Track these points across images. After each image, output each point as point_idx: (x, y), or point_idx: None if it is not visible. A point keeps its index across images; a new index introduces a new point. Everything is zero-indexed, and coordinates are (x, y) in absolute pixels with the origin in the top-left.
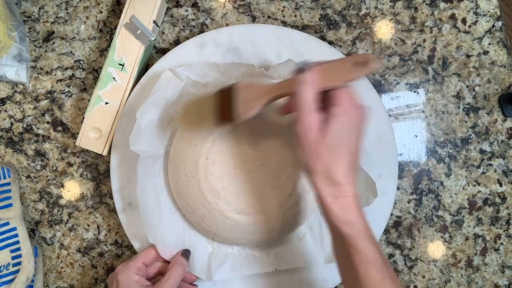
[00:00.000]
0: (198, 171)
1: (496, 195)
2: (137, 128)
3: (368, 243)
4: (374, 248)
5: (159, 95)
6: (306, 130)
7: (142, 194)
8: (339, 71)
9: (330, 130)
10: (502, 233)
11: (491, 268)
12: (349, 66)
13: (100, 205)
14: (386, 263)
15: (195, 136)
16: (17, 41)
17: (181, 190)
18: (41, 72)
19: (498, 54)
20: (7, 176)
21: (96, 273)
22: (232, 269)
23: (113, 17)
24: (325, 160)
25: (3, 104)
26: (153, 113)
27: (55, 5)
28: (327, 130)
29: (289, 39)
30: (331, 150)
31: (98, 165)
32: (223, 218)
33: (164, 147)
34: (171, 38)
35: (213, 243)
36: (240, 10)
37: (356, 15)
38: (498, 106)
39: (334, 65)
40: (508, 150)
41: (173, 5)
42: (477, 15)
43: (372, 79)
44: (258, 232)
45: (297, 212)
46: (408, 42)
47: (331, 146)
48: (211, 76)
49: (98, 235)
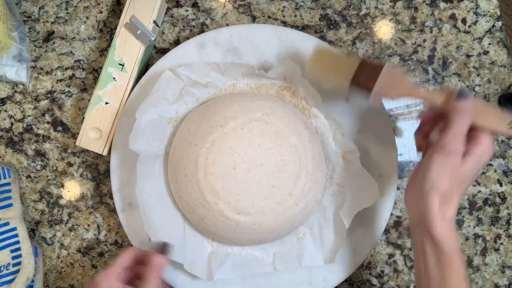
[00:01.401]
0: (197, 171)
1: (496, 195)
2: (136, 128)
3: (462, 260)
4: (464, 265)
5: (159, 95)
6: (452, 153)
7: (142, 193)
8: (494, 119)
9: (467, 163)
10: (502, 233)
11: (491, 268)
12: (503, 122)
13: (100, 205)
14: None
15: (195, 136)
16: (17, 41)
17: (181, 190)
18: (41, 72)
19: (498, 54)
20: (7, 176)
21: (96, 273)
22: (232, 269)
23: (113, 17)
24: (451, 186)
25: (3, 104)
26: (153, 113)
27: (55, 5)
28: (465, 162)
29: (289, 39)
30: (460, 180)
31: (98, 165)
32: (223, 218)
33: (164, 147)
34: (171, 38)
35: (213, 243)
36: (240, 10)
37: (356, 15)
38: (498, 106)
39: (492, 110)
40: (508, 150)
41: (173, 5)
42: (477, 15)
43: None
44: (258, 232)
45: (297, 212)
46: (408, 42)
47: (461, 176)
48: (211, 76)
49: (98, 235)
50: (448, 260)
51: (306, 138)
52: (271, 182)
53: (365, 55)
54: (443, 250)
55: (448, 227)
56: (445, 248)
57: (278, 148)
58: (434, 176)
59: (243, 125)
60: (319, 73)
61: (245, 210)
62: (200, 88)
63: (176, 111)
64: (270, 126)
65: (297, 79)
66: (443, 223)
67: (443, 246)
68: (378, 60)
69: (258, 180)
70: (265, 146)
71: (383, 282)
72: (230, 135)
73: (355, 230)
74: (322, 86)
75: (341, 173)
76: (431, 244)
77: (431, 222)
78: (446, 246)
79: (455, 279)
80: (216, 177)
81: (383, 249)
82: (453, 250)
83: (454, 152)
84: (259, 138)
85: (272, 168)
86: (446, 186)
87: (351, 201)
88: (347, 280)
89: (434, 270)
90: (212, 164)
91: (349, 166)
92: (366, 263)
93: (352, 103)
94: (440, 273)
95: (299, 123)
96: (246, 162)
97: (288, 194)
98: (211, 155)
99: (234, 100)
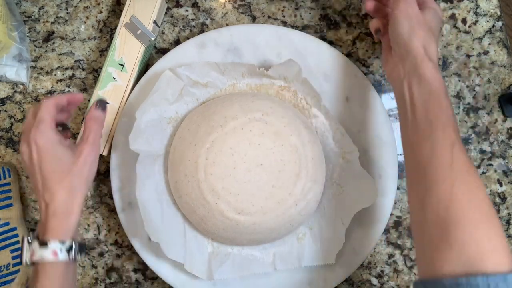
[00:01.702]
0: (197, 171)
1: (496, 195)
2: (136, 128)
3: (449, 100)
4: (451, 105)
5: (159, 95)
6: (410, 6)
7: (142, 193)
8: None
9: (426, 13)
10: None
11: None
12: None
13: (100, 205)
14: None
15: (195, 136)
16: (17, 41)
17: (181, 190)
18: (41, 72)
19: (498, 54)
20: (7, 176)
21: (96, 273)
22: (232, 269)
23: (113, 17)
24: (424, 35)
25: (3, 104)
26: (153, 112)
27: (55, 5)
28: (424, 12)
29: (289, 39)
30: (427, 26)
31: (98, 165)
32: (223, 218)
33: (164, 147)
34: (171, 38)
35: (213, 243)
36: (240, 10)
37: (356, 15)
38: (498, 106)
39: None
40: (508, 150)
41: (173, 5)
42: (477, 15)
43: (372, 79)
44: (258, 232)
45: (297, 212)
46: None
47: (426, 22)
48: (211, 76)
49: (98, 235)
50: (436, 100)
51: (306, 138)
52: (271, 182)
53: (364, 54)
54: (431, 90)
55: (434, 67)
56: (433, 88)
57: (278, 148)
58: (407, 26)
59: (243, 125)
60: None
61: (245, 210)
62: (200, 88)
63: (176, 111)
64: (270, 126)
65: (297, 79)
66: (431, 63)
67: (431, 85)
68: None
69: (258, 180)
70: (265, 146)
71: (383, 282)
72: (230, 135)
73: (355, 230)
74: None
75: (341, 173)
76: (418, 86)
77: (420, 63)
78: (434, 86)
79: (444, 118)
80: (216, 177)
81: (383, 249)
82: (441, 90)
83: (410, 5)
84: (259, 138)
85: (272, 168)
86: (421, 31)
87: (350, 201)
88: (347, 280)
89: (421, 112)
90: (212, 164)
91: (349, 166)
92: (366, 263)
93: (352, 103)
94: (427, 114)
95: (299, 123)
96: (246, 162)
97: (288, 194)
98: (211, 155)
99: (234, 100)
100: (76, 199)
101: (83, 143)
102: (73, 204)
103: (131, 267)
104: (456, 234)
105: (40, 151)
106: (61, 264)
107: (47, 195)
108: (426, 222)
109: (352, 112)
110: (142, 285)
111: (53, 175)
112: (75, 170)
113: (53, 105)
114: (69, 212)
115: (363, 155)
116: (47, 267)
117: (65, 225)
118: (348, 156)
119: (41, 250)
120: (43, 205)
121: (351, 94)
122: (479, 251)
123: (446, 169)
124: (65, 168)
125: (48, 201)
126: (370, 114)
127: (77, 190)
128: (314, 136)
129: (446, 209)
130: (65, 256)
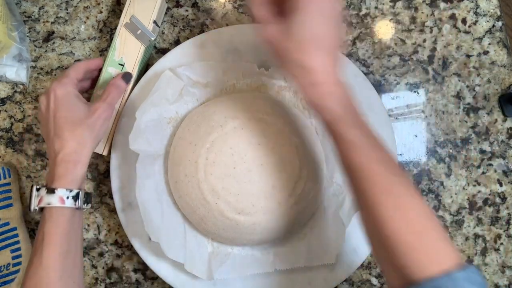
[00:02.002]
0: (198, 171)
1: (496, 195)
2: (136, 128)
3: (349, 128)
4: (357, 132)
5: (159, 95)
6: (269, 37)
7: (142, 193)
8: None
9: (293, 26)
10: (502, 233)
11: (491, 268)
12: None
13: (100, 205)
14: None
15: (195, 136)
16: (17, 41)
17: (181, 190)
18: (41, 72)
19: (498, 54)
20: (7, 176)
21: (96, 273)
22: (232, 269)
23: (113, 17)
24: (294, 53)
25: (3, 104)
26: (153, 112)
27: (55, 5)
28: (289, 27)
29: None
30: (297, 43)
31: (98, 165)
32: (223, 218)
33: (164, 147)
34: (171, 38)
35: (213, 243)
36: (240, 10)
37: (356, 15)
38: (498, 106)
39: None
40: (508, 150)
41: (173, 5)
42: (477, 15)
43: (372, 79)
44: (258, 232)
45: (297, 212)
46: (408, 42)
47: (296, 40)
48: (211, 76)
49: (98, 235)
50: (332, 131)
51: (306, 138)
52: (271, 182)
53: (364, 54)
54: (324, 120)
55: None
56: (325, 119)
57: (278, 148)
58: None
59: (243, 125)
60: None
61: (245, 210)
62: (200, 88)
63: (176, 111)
64: (270, 126)
65: None
66: (314, 93)
67: (322, 117)
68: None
69: (258, 180)
70: (265, 146)
71: (383, 282)
72: (230, 135)
73: (355, 230)
74: None
75: (341, 173)
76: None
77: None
78: (324, 117)
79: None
80: (216, 177)
81: None
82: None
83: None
84: (259, 138)
85: (272, 168)
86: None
87: (351, 201)
88: (347, 280)
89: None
90: (212, 164)
91: None
92: (366, 263)
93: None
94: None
95: (299, 123)
96: (246, 162)
97: (288, 194)
98: (211, 155)
99: (234, 100)
100: (85, 150)
101: (101, 101)
102: (81, 154)
103: (131, 267)
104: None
105: (57, 100)
106: (67, 210)
107: (57, 143)
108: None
109: None
110: (142, 285)
111: (66, 124)
112: (89, 123)
113: (82, 68)
114: (77, 161)
115: None
116: (53, 212)
117: (72, 173)
118: None
119: (48, 196)
120: (52, 153)
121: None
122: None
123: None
124: (79, 119)
125: (58, 149)
126: (370, 114)
127: (87, 142)
128: (314, 136)
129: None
130: (72, 203)
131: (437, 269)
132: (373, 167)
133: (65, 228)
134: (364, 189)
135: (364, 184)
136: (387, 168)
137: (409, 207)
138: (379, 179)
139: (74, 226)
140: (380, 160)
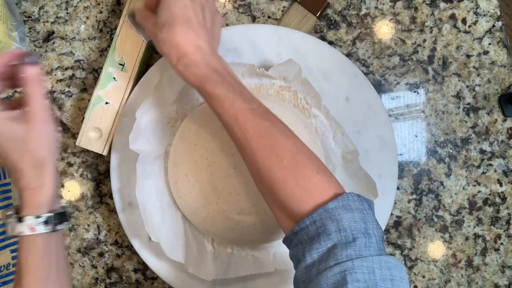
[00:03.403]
0: (198, 171)
1: (496, 195)
2: (136, 127)
3: (216, 85)
4: (224, 88)
5: (159, 95)
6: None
7: (142, 193)
8: None
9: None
10: (502, 233)
11: (491, 268)
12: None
13: (100, 205)
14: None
15: (195, 136)
16: (17, 41)
17: (181, 190)
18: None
19: (498, 54)
20: (7, 176)
21: (96, 273)
22: (232, 269)
23: (113, 17)
24: (159, 34)
25: None
26: (153, 112)
27: (55, 5)
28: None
29: (289, 39)
30: (160, 25)
31: (98, 165)
32: (223, 218)
33: (164, 147)
34: None
35: (213, 243)
36: (240, 10)
37: (356, 15)
38: (498, 106)
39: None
40: (508, 150)
41: None
42: (477, 15)
43: (372, 79)
44: (258, 232)
45: None
46: (408, 42)
47: (160, 23)
48: None
49: (98, 235)
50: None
51: (306, 138)
52: None
53: (364, 54)
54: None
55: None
56: (195, 86)
57: None
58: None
59: None
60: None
61: (245, 210)
62: None
63: (176, 111)
64: None
65: (297, 79)
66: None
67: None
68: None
69: None
70: None
71: None
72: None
73: None
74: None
75: (341, 173)
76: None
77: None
78: (193, 85)
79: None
80: (216, 177)
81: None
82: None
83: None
84: None
85: None
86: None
87: None
88: None
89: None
90: (212, 164)
91: (349, 166)
92: None
93: (352, 103)
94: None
95: (299, 123)
96: None
97: None
98: (212, 155)
99: None
100: (45, 171)
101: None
102: (43, 177)
103: (131, 267)
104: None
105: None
106: (40, 237)
107: (14, 174)
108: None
109: (352, 112)
110: (142, 285)
111: (12, 155)
112: (30, 148)
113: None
114: (41, 186)
115: (363, 155)
116: (25, 241)
117: (38, 199)
118: (348, 156)
119: (18, 225)
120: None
121: (351, 94)
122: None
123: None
124: (20, 147)
125: (15, 179)
126: (370, 114)
127: (42, 163)
128: (314, 136)
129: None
130: (43, 229)
131: (313, 203)
132: (244, 115)
133: (41, 255)
134: (240, 138)
135: (239, 134)
136: (258, 114)
137: (281, 143)
138: (250, 125)
139: (51, 249)
140: (249, 109)
